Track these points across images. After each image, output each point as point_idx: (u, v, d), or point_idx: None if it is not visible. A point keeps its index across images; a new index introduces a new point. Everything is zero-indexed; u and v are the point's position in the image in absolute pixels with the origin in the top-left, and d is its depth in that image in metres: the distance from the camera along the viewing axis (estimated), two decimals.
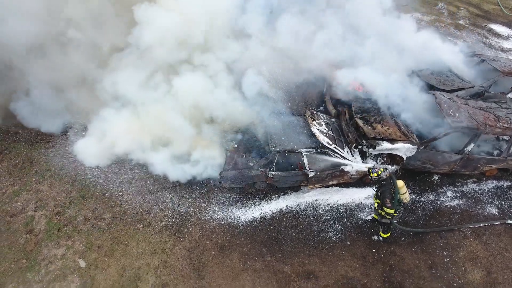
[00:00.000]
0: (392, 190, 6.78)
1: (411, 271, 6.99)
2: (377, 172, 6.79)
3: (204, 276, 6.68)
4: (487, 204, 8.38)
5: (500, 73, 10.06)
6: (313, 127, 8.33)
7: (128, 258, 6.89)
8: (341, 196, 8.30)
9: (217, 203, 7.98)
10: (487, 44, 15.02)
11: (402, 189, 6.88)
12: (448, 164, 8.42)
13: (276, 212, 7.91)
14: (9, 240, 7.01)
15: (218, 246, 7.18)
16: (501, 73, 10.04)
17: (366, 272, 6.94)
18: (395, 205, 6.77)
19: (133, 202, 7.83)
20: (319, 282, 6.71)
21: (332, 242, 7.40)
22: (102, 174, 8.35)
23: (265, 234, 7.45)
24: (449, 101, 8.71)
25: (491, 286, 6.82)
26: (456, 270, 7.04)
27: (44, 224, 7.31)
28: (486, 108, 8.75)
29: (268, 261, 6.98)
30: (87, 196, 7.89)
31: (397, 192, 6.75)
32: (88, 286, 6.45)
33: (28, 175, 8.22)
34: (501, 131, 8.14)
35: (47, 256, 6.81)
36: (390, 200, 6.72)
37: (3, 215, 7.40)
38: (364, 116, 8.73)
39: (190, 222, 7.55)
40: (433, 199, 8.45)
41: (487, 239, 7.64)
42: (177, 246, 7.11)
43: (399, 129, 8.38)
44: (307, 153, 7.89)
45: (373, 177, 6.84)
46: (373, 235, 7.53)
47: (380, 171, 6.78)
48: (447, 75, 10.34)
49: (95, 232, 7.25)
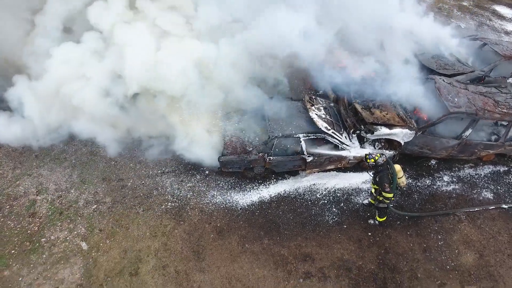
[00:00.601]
0: (390, 175, 6.86)
1: (406, 254, 7.16)
2: (374, 158, 6.83)
3: (203, 258, 6.86)
4: (482, 189, 8.49)
5: (501, 57, 9.97)
6: (312, 112, 8.33)
7: (129, 241, 7.05)
8: (338, 181, 8.40)
9: (216, 187, 8.10)
10: (490, 27, 14.79)
11: (399, 173, 6.98)
12: (445, 149, 8.48)
13: (274, 196, 8.03)
14: (12, 224, 7.16)
15: (217, 229, 7.33)
16: (503, 57, 9.96)
17: (362, 254, 7.11)
18: (393, 190, 6.87)
19: (133, 186, 7.94)
20: (315, 264, 6.89)
21: (329, 226, 7.55)
22: (102, 159, 8.44)
23: (263, 218, 7.59)
24: (449, 86, 8.68)
25: (483, 268, 7.01)
26: (449, 253, 7.21)
27: (46, 208, 7.45)
28: (486, 93, 8.73)
29: (266, 244, 7.15)
30: (87, 180, 8.00)
31: (395, 177, 6.83)
32: (91, 267, 6.64)
33: (28, 160, 8.30)
34: (500, 116, 8.15)
35: (50, 239, 6.97)
36: (389, 185, 6.81)
37: (5, 199, 7.53)
38: (363, 101, 8.71)
39: (190, 206, 7.68)
40: (430, 183, 8.55)
41: (481, 223, 7.78)
42: (176, 230, 7.26)
43: (398, 114, 8.38)
44: (305, 138, 7.92)
45: (370, 163, 6.90)
46: (369, 219, 7.66)
47: (377, 156, 6.83)
48: (448, 59, 10.25)
49: (96, 216, 7.39)
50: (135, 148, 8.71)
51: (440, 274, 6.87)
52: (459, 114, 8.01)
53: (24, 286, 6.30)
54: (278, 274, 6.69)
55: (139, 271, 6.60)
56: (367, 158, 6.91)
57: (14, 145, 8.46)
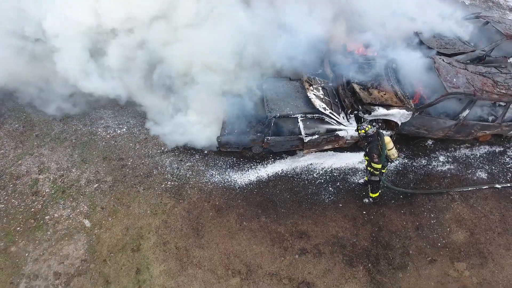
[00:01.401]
0: (379, 146, 7.02)
1: (399, 232, 7.38)
2: (365, 129, 7.04)
3: (202, 235, 7.09)
4: (477, 169, 8.62)
5: (503, 36, 9.83)
6: (310, 92, 8.34)
7: (130, 218, 7.26)
8: (335, 161, 8.53)
9: (215, 166, 8.24)
10: (495, 3, 14.46)
11: (389, 144, 7.09)
12: (442, 130, 8.54)
13: (272, 175, 8.18)
14: (17, 202, 7.35)
15: (216, 207, 7.53)
16: (505, 36, 9.82)
17: (356, 232, 7.33)
18: (382, 161, 7.04)
19: (133, 166, 8.08)
20: (311, 241, 7.13)
21: (325, 204, 7.74)
22: (102, 139, 8.54)
23: (260, 197, 7.77)
24: (448, 65, 8.63)
25: (473, 245, 7.24)
26: (441, 231, 7.43)
27: (49, 186, 7.62)
28: (485, 73, 8.68)
29: (263, 221, 7.36)
30: (88, 159, 8.13)
31: (384, 148, 6.98)
32: (94, 243, 6.88)
33: (29, 139, 8.41)
34: (498, 97, 8.16)
35: (53, 217, 7.18)
36: (378, 155, 6.99)
37: (9, 178, 7.69)
38: (361, 81, 8.69)
39: (189, 185, 7.84)
40: (425, 163, 8.68)
41: (474, 202, 7.96)
42: (176, 208, 7.46)
43: (396, 95, 8.39)
44: (302, 118, 7.97)
45: (361, 133, 7.10)
46: (364, 198, 7.84)
47: (367, 127, 7.03)
48: (449, 37, 10.12)
49: (98, 194, 7.58)
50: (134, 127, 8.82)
51: (431, 251, 7.11)
52: (457, 94, 8.02)
53: (31, 261, 6.56)
54: (274, 251, 6.93)
55: (140, 247, 6.85)
56: (358, 129, 7.14)
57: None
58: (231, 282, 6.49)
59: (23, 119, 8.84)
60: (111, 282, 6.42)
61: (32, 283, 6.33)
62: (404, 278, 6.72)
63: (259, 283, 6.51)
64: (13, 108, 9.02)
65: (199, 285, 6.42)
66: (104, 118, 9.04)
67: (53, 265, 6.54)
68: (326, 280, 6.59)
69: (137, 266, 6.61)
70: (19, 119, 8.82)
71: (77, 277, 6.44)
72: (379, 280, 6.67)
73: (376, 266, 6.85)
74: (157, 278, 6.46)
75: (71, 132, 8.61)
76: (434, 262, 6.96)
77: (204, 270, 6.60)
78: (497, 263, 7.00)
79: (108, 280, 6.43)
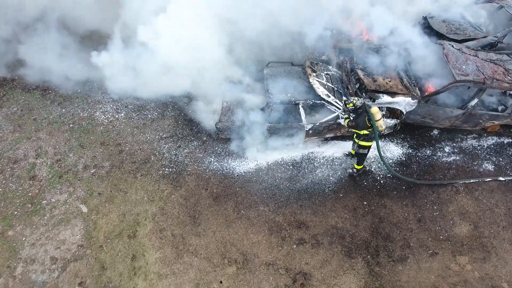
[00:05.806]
0: (367, 118, 6.88)
1: (400, 223, 7.21)
2: (353, 102, 6.93)
3: (199, 223, 7.00)
4: (484, 161, 8.35)
5: None
6: (312, 78, 8.07)
7: (127, 204, 7.19)
8: (337, 149, 8.32)
9: (213, 153, 8.09)
10: None
11: (377, 115, 6.86)
12: (448, 119, 8.25)
13: (271, 163, 8.01)
14: (14, 186, 7.32)
15: (214, 195, 7.42)
16: None
17: (356, 223, 7.18)
18: (375, 134, 6.96)
19: (131, 152, 7.97)
20: (309, 231, 7.00)
21: (325, 194, 7.58)
22: (100, 124, 8.42)
23: (259, 185, 7.63)
24: (458, 52, 8.26)
25: (476, 239, 7.05)
26: (444, 223, 7.24)
27: (46, 171, 7.57)
28: (497, 60, 8.31)
29: (261, 210, 7.24)
30: (85, 144, 8.04)
31: (373, 119, 6.82)
32: (91, 229, 6.84)
33: (27, 123, 8.32)
34: (509, 86, 7.80)
35: (50, 202, 7.15)
36: (366, 128, 6.94)
37: (6, 162, 7.65)
38: (366, 67, 8.38)
39: (187, 172, 7.73)
40: (430, 153, 8.42)
41: (479, 194, 7.73)
42: (174, 195, 7.37)
43: (401, 82, 8.09)
44: (304, 105, 7.74)
45: (350, 107, 6.96)
46: (348, 169, 7.91)
47: (355, 100, 6.94)
48: (460, 22, 9.69)
49: (95, 180, 7.51)
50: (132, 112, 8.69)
51: (433, 244, 6.94)
52: (466, 82, 7.69)
53: (28, 245, 6.56)
54: (272, 240, 6.83)
55: (137, 233, 6.80)
56: (346, 103, 7.01)
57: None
58: (227, 271, 6.42)
59: (22, 102, 8.74)
60: (107, 268, 6.39)
61: (29, 267, 6.33)
62: (404, 271, 6.58)
63: (256, 272, 6.43)
64: (11, 91, 8.92)
65: (194, 273, 6.36)
66: (102, 103, 8.90)
67: (49, 250, 6.53)
68: (323, 271, 6.49)
69: (133, 252, 6.56)
70: (17, 102, 8.73)
71: (74, 262, 6.43)
72: (378, 272, 6.54)
73: (375, 258, 6.71)
74: (152, 265, 6.42)
75: (69, 117, 8.50)
76: (435, 255, 6.80)
77: (200, 258, 6.53)
78: (500, 258, 6.82)
79: (104, 266, 6.41)
